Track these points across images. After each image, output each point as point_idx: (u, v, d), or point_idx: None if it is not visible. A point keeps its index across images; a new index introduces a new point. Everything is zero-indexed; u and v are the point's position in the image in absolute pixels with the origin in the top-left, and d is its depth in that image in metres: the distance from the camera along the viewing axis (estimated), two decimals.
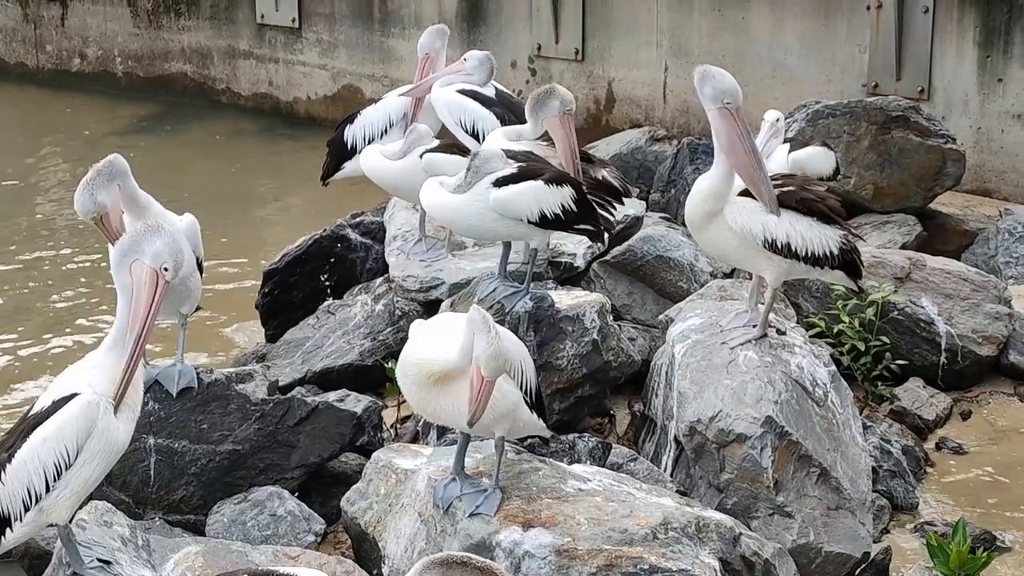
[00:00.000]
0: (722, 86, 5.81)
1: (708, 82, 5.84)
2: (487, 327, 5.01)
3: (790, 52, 11.09)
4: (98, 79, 14.49)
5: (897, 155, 8.86)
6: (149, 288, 4.94)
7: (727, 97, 5.81)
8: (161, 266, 4.93)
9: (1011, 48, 10.30)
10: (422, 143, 7.36)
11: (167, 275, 4.95)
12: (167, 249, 4.94)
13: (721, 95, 5.81)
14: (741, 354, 6.13)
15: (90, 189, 5.84)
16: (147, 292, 4.93)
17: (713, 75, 5.84)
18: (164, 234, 4.99)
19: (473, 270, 7.39)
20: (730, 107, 5.82)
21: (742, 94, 5.90)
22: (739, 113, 5.84)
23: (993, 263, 8.69)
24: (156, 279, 4.94)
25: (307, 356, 7.60)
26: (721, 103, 5.82)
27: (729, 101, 5.81)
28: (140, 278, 4.94)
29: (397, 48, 12.79)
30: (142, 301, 4.93)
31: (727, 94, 5.81)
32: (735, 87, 5.82)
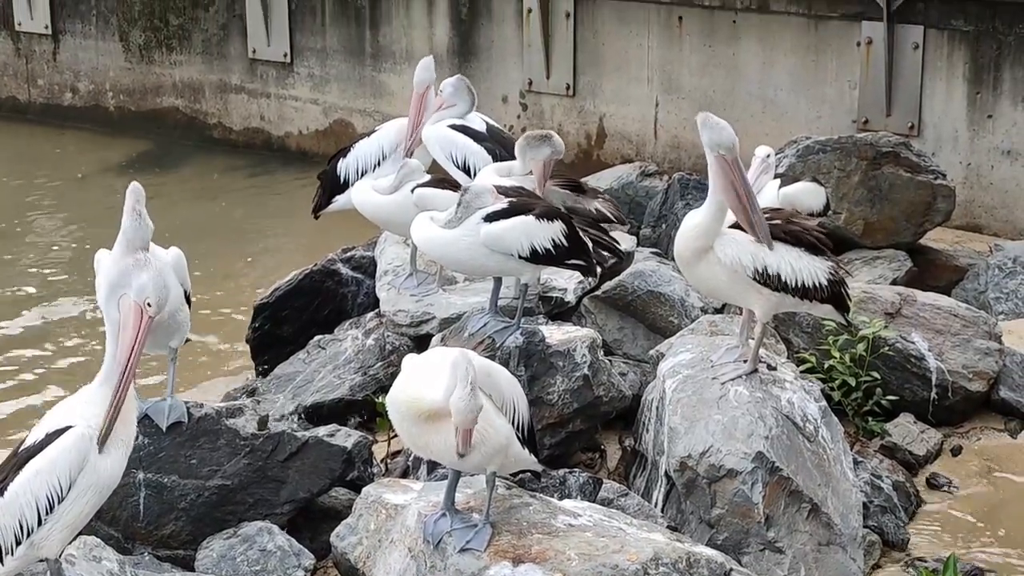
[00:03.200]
0: (718, 139, 5.85)
1: (705, 131, 5.88)
2: (465, 379, 5.01)
3: (780, 88, 11.13)
4: (90, 113, 14.51)
5: (887, 191, 8.88)
6: (134, 323, 4.94)
7: (722, 149, 5.84)
8: (144, 301, 4.94)
9: (1000, 85, 10.35)
10: (413, 178, 7.37)
11: (150, 310, 4.95)
12: (151, 284, 4.95)
13: (717, 146, 5.84)
14: (732, 389, 6.13)
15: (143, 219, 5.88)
16: (132, 326, 4.94)
17: (711, 126, 5.87)
18: (149, 269, 5.00)
19: (464, 305, 7.40)
20: (726, 157, 5.85)
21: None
22: (735, 162, 5.86)
23: (983, 299, 8.71)
24: (140, 314, 4.95)
25: (298, 390, 7.59)
26: (717, 152, 5.85)
27: (724, 152, 5.84)
28: (126, 312, 4.95)
29: (388, 83, 12.83)
30: (127, 335, 4.94)
31: (722, 146, 5.84)
32: (731, 140, 5.85)
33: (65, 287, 10.89)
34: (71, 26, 14.40)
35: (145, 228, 5.86)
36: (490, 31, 12.25)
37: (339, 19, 12.97)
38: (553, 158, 6.91)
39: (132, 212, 5.85)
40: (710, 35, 11.34)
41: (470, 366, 5.06)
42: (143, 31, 14.03)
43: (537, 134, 7.04)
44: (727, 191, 5.87)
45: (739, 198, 5.88)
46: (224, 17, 13.57)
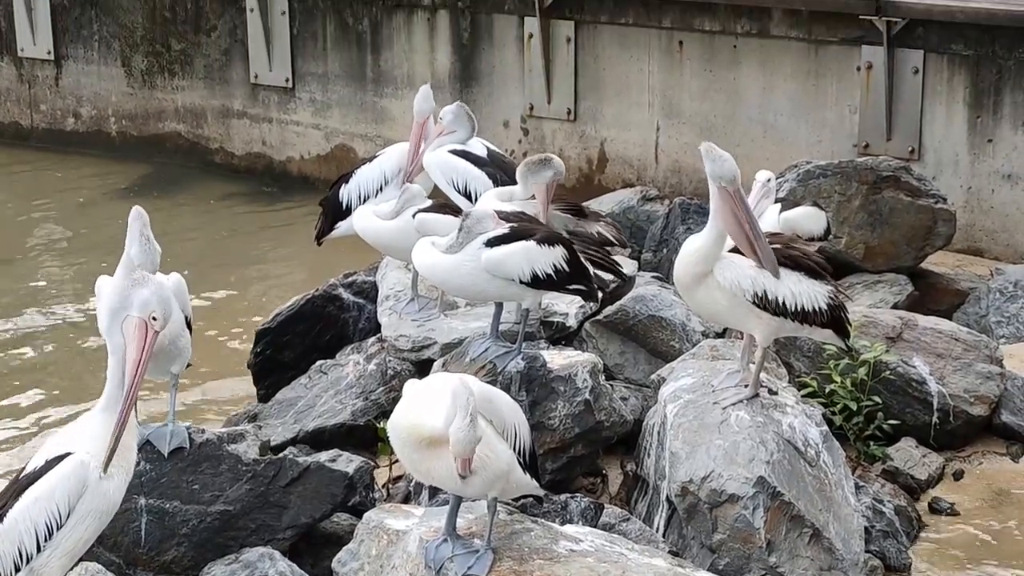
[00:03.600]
0: (720, 171, 5.87)
1: (708, 162, 5.91)
2: (465, 409, 5.02)
3: (781, 113, 11.16)
4: (92, 138, 14.55)
5: (888, 215, 8.90)
6: (139, 339, 4.96)
7: (724, 181, 5.86)
8: (149, 315, 4.95)
9: (1000, 109, 10.38)
10: (415, 203, 7.39)
11: (156, 324, 4.97)
12: (154, 298, 4.97)
13: (719, 178, 5.86)
14: (733, 414, 6.14)
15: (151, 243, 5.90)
16: (137, 343, 4.95)
17: (713, 158, 5.89)
18: (149, 284, 5.02)
19: (465, 330, 7.40)
20: (728, 188, 5.87)
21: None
22: (737, 193, 5.88)
23: (984, 322, 8.71)
24: (145, 328, 4.96)
25: (299, 416, 7.59)
26: (719, 183, 5.87)
27: (726, 184, 5.86)
28: (130, 331, 4.96)
29: (390, 108, 12.86)
30: (133, 353, 4.95)
31: (724, 178, 5.87)
32: (732, 172, 5.87)
33: (65, 311, 10.90)
34: (74, 51, 14.44)
35: (154, 252, 5.89)
36: (491, 56, 12.29)
37: (340, 44, 13.01)
38: (555, 181, 6.94)
39: (140, 237, 5.87)
40: (711, 60, 11.37)
41: (470, 396, 5.06)
42: (145, 56, 14.07)
43: (538, 158, 7.07)
44: (729, 221, 5.88)
45: (742, 228, 5.90)
46: (226, 42, 13.61)
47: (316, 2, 13.05)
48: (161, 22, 13.88)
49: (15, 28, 14.59)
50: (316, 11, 13.07)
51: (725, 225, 5.91)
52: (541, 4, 11.81)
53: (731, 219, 5.89)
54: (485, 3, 12.26)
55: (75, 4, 14.29)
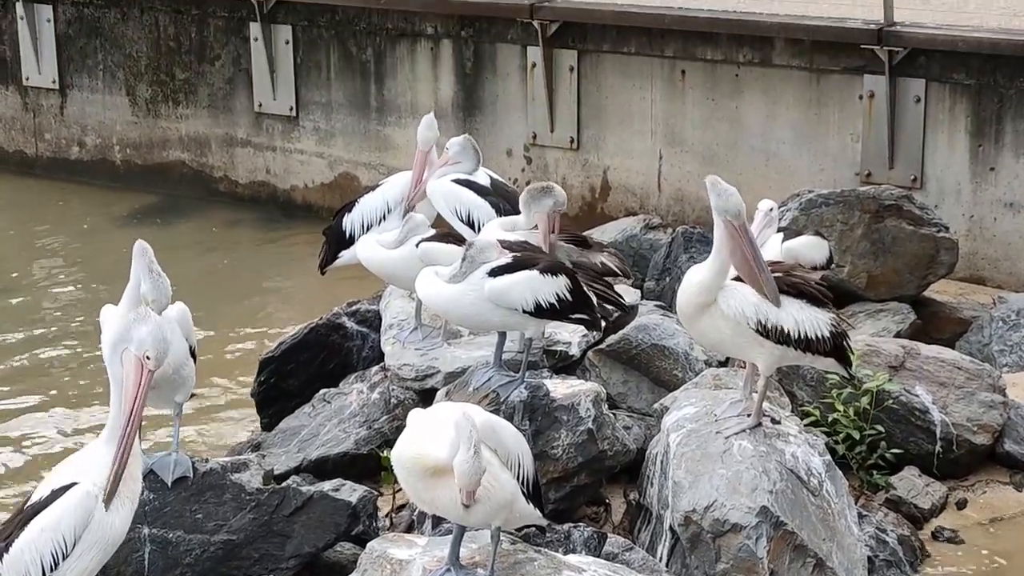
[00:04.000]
0: (724, 205, 5.90)
1: (713, 196, 5.94)
2: (468, 442, 5.04)
3: (783, 141, 11.19)
4: (96, 167, 14.58)
5: (890, 243, 8.91)
6: (135, 377, 4.98)
7: (728, 215, 5.89)
8: (143, 354, 4.97)
9: (1002, 137, 10.40)
10: (418, 232, 7.41)
11: (149, 364, 4.99)
12: (150, 337, 4.99)
13: (723, 212, 5.89)
14: (736, 443, 6.15)
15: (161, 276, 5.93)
16: (132, 381, 4.97)
17: (718, 192, 5.92)
18: (149, 322, 5.04)
19: (469, 359, 7.41)
20: (733, 222, 5.89)
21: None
22: (742, 227, 5.91)
23: (987, 351, 8.71)
24: (140, 368, 4.98)
25: (303, 444, 7.60)
26: (724, 217, 5.90)
27: (731, 218, 5.89)
28: (128, 367, 4.98)
29: (393, 136, 12.89)
30: (129, 389, 4.97)
31: (728, 212, 5.89)
32: (737, 207, 5.90)
33: (69, 339, 10.91)
34: (78, 81, 14.49)
35: (165, 285, 5.90)
36: (494, 85, 12.33)
37: (344, 73, 13.06)
38: (556, 210, 6.96)
39: (149, 272, 5.89)
40: (713, 89, 11.41)
41: (473, 427, 5.08)
42: (150, 85, 14.12)
43: (539, 186, 7.09)
44: (734, 253, 5.91)
45: (746, 261, 5.92)
46: (230, 71, 13.66)
47: (320, 32, 13.10)
48: (166, 51, 13.94)
49: (20, 57, 14.65)
50: (320, 40, 13.12)
51: (730, 257, 5.93)
52: (544, 33, 11.85)
53: (736, 252, 5.92)
54: (488, 32, 12.30)
55: (80, 34, 14.35)
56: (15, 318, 11.39)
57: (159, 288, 5.92)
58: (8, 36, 14.72)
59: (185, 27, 13.80)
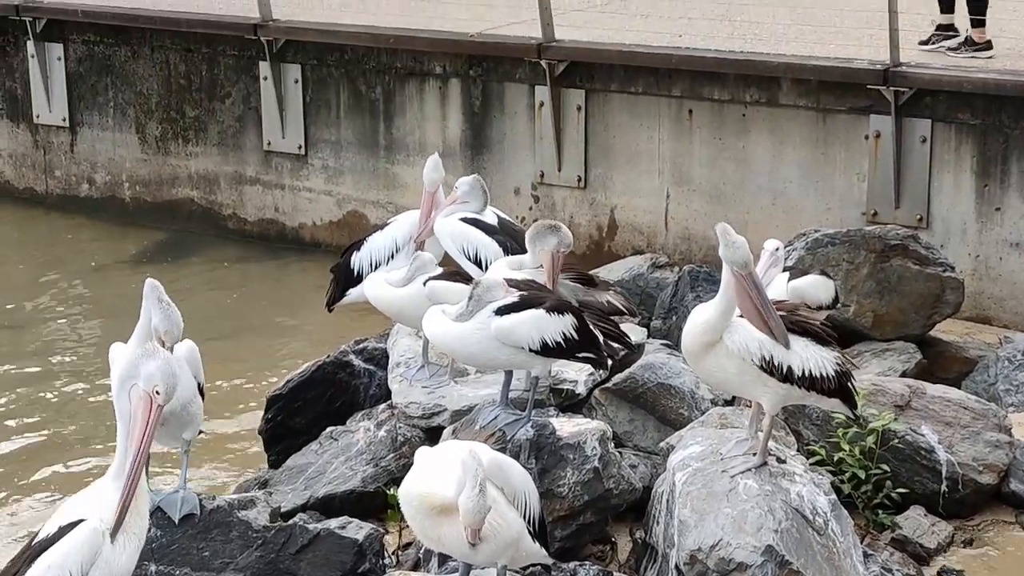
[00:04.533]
0: (732, 256, 5.95)
1: (722, 246, 5.98)
2: (474, 480, 5.07)
3: (790, 181, 11.23)
4: (106, 204, 14.64)
5: (896, 283, 8.94)
6: (143, 412, 5.00)
7: (736, 266, 5.94)
8: (153, 389, 5.00)
9: (1008, 177, 10.44)
10: (426, 271, 7.45)
11: (159, 398, 5.01)
12: (159, 372, 5.02)
13: (731, 263, 5.94)
14: (741, 482, 6.16)
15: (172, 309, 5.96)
16: (141, 416, 5.00)
17: (727, 243, 5.96)
18: (157, 357, 5.06)
19: (475, 397, 7.44)
20: (741, 273, 5.94)
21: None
22: (750, 277, 5.96)
23: (993, 390, 8.72)
24: (149, 403, 5.01)
25: (310, 482, 7.62)
26: (732, 268, 5.94)
27: (739, 269, 5.93)
28: (136, 402, 5.01)
29: (402, 175, 12.95)
30: (137, 425, 5.00)
31: (736, 264, 5.94)
32: (745, 259, 5.95)
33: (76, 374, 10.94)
34: (88, 118, 14.57)
35: (177, 316, 5.94)
36: (502, 124, 12.39)
37: (353, 112, 13.13)
38: (560, 249, 7.00)
39: (160, 304, 5.92)
40: (720, 128, 11.46)
41: (479, 466, 5.11)
42: (159, 123, 14.20)
43: (545, 224, 7.14)
44: (743, 300, 5.96)
45: (754, 308, 5.97)
46: (240, 110, 13.73)
47: (329, 71, 13.18)
48: (176, 90, 14.02)
49: (31, 94, 14.73)
50: (329, 80, 13.19)
51: (738, 303, 5.99)
52: (552, 73, 11.91)
53: (744, 299, 5.97)
54: (496, 72, 12.37)
55: (91, 72, 14.44)
56: (23, 353, 11.43)
57: (170, 319, 5.96)
58: (19, 74, 14.81)
59: (195, 65, 13.88)
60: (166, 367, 5.05)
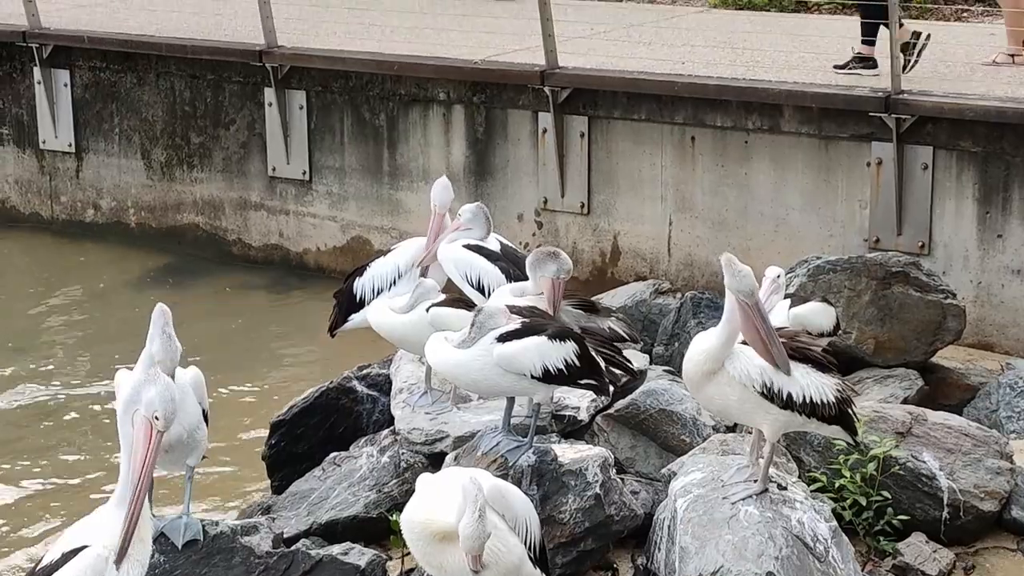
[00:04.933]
0: (738, 285, 6.00)
1: (727, 276, 6.03)
2: (474, 506, 5.10)
3: (792, 207, 11.26)
4: (111, 229, 14.69)
5: (897, 310, 8.96)
6: (143, 438, 5.03)
7: (742, 295, 5.98)
8: (152, 415, 5.03)
9: (1009, 205, 10.47)
10: (428, 297, 7.49)
11: (158, 424, 5.04)
12: (158, 398, 5.04)
13: (737, 292, 5.98)
14: (742, 509, 6.19)
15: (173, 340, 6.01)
16: (142, 442, 5.03)
17: (732, 272, 6.01)
18: (158, 383, 5.09)
19: (478, 423, 7.47)
20: (747, 301, 5.98)
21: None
22: (755, 306, 6.00)
23: (995, 417, 8.73)
24: (150, 428, 5.04)
25: (312, 508, 7.64)
26: (738, 297, 5.99)
27: (744, 298, 5.98)
28: (138, 428, 5.04)
29: (406, 201, 12.99)
30: (138, 451, 5.03)
31: (742, 292, 5.99)
32: (750, 287, 6.00)
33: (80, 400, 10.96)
34: (94, 144, 14.63)
35: (174, 350, 5.98)
36: (505, 150, 12.44)
37: (357, 138, 13.18)
38: (561, 275, 7.04)
39: (161, 334, 5.97)
40: (722, 155, 11.50)
41: (479, 491, 5.13)
42: (165, 149, 14.26)
43: (545, 251, 7.18)
44: (747, 328, 6.00)
45: (759, 337, 6.01)
46: (244, 136, 13.79)
47: (333, 97, 13.24)
48: (181, 116, 14.08)
49: (37, 120, 14.79)
50: (333, 106, 13.25)
51: (743, 331, 6.02)
52: (555, 100, 11.97)
53: (749, 327, 6.01)
54: (500, 98, 12.43)
55: (97, 98, 14.51)
56: (27, 378, 11.45)
57: (167, 350, 6.00)
58: (25, 100, 14.88)
59: (201, 92, 13.95)
60: (165, 393, 5.08)
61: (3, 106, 15.07)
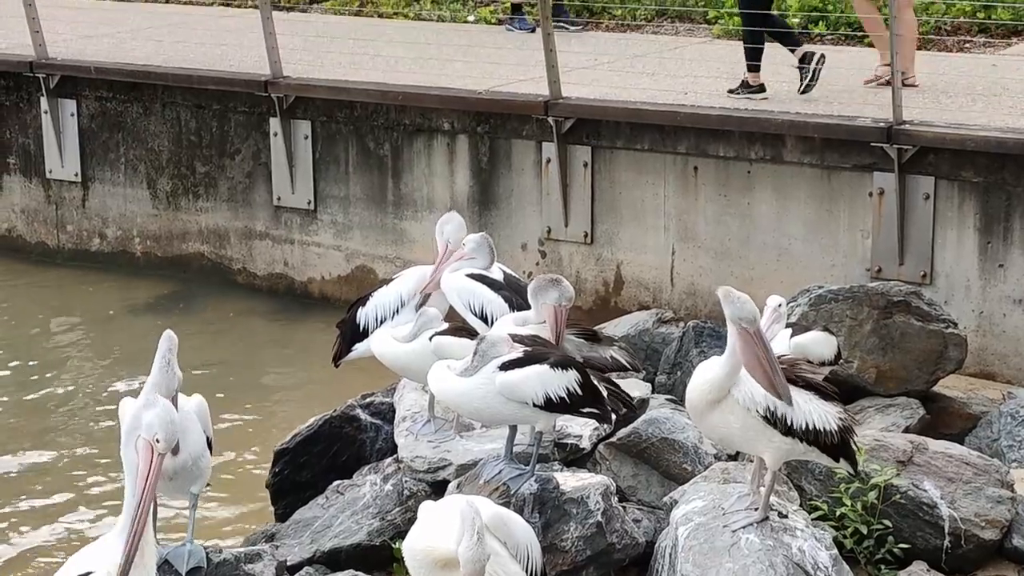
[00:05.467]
0: (740, 313, 6.03)
1: (727, 306, 6.06)
2: (471, 530, 5.13)
3: (795, 237, 11.31)
4: (117, 259, 14.75)
5: (899, 339, 8.99)
6: (144, 460, 5.07)
7: (744, 322, 6.02)
8: (153, 437, 5.07)
9: (1010, 235, 10.51)
10: (431, 326, 7.53)
11: (159, 447, 5.08)
12: (157, 421, 5.09)
13: (738, 321, 6.01)
14: (743, 537, 6.21)
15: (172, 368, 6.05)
16: (143, 465, 5.07)
17: (732, 301, 6.05)
18: (157, 406, 5.14)
19: (481, 451, 7.50)
20: (749, 329, 6.01)
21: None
22: (758, 333, 6.03)
23: (996, 446, 8.74)
24: (151, 452, 5.07)
25: (316, 536, 7.67)
26: (740, 325, 6.02)
27: (746, 325, 6.01)
28: (141, 452, 5.08)
29: (410, 230, 13.04)
30: (140, 474, 5.06)
31: (744, 320, 6.02)
32: (752, 313, 6.03)
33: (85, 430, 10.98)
34: (100, 174, 14.71)
35: (173, 377, 6.02)
36: (509, 180, 12.50)
37: (362, 168, 13.24)
38: (562, 303, 7.07)
39: (161, 360, 6.01)
40: (725, 185, 11.55)
41: (477, 516, 5.17)
42: (170, 179, 14.33)
43: (547, 278, 7.21)
44: (749, 359, 6.03)
45: (761, 365, 6.04)
46: (250, 165, 13.86)
47: (338, 127, 13.31)
48: (187, 146, 14.16)
49: (44, 150, 14.87)
50: (338, 136, 13.32)
51: (745, 362, 6.05)
52: (559, 130, 12.03)
53: (751, 357, 6.04)
54: (504, 128, 12.49)
55: (103, 128, 14.58)
56: (31, 407, 11.48)
57: (164, 376, 6.03)
58: (32, 129, 14.96)
59: (206, 122, 14.03)
60: (164, 415, 5.13)
61: (10, 136, 15.15)
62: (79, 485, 10.05)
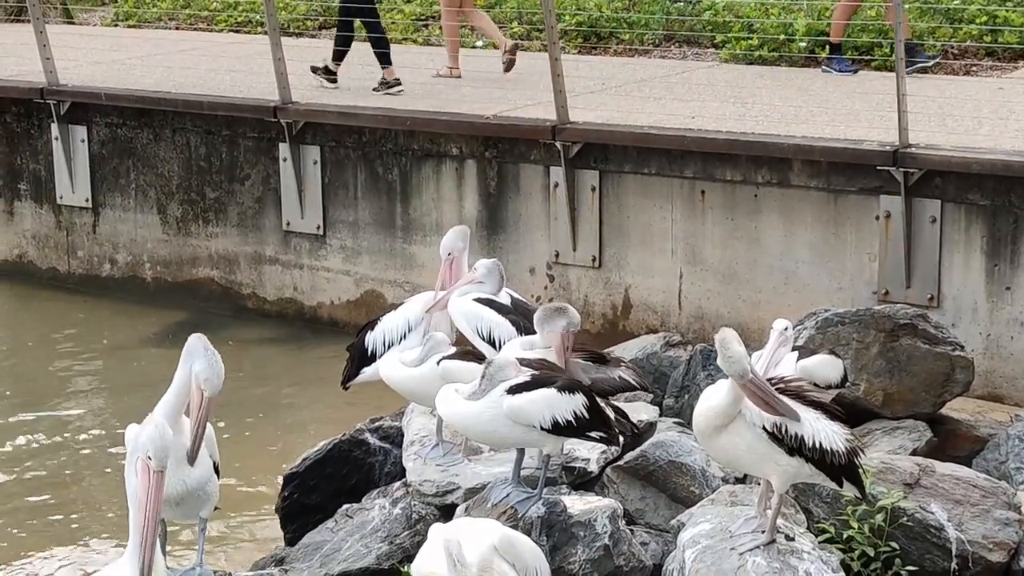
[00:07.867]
0: (729, 371, 6.10)
1: (720, 359, 6.10)
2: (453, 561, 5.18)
3: (802, 260, 11.33)
4: (127, 284, 14.81)
5: (906, 362, 9.00)
6: (142, 480, 5.12)
7: (735, 377, 6.07)
8: (146, 455, 5.11)
9: (1018, 257, 10.53)
10: (439, 350, 7.57)
11: (152, 464, 5.12)
12: (148, 439, 5.13)
13: (730, 376, 6.08)
14: (750, 560, 6.24)
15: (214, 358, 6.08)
16: (142, 484, 5.11)
17: (724, 358, 6.11)
18: (150, 427, 5.18)
19: (489, 475, 7.53)
20: (739, 383, 6.07)
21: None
22: (753, 382, 6.07)
23: (1004, 468, 8.75)
24: (147, 471, 5.12)
25: (325, 559, 7.69)
26: (734, 378, 6.08)
27: (738, 380, 6.06)
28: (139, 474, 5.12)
29: (419, 255, 13.09)
30: (140, 494, 5.11)
31: (734, 376, 6.07)
32: (741, 372, 6.08)
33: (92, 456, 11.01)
34: (111, 199, 14.78)
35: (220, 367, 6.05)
36: (517, 204, 12.54)
37: (371, 193, 13.30)
38: (570, 331, 7.12)
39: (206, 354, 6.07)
40: (732, 208, 11.58)
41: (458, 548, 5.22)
42: (180, 204, 14.39)
43: (553, 306, 7.27)
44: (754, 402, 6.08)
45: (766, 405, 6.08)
46: (259, 191, 13.92)
47: (347, 152, 13.37)
48: (197, 171, 14.22)
49: (55, 176, 14.95)
50: (347, 161, 13.38)
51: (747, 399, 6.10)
52: (566, 154, 12.08)
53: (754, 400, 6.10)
54: (512, 153, 12.54)
55: (113, 154, 14.66)
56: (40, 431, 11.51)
57: (213, 368, 6.09)
58: (43, 156, 15.04)
59: (216, 147, 14.10)
60: (154, 432, 5.18)
61: (21, 162, 15.24)
62: (83, 510, 10.07)
